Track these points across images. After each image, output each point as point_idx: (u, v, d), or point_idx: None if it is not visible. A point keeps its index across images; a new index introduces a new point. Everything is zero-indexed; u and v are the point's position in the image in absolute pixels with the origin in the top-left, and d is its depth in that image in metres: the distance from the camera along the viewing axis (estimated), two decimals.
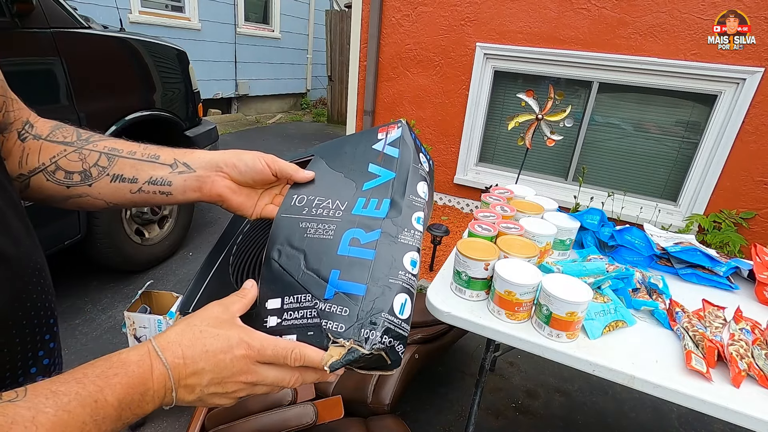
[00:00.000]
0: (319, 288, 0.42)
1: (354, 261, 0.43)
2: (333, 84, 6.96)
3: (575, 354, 0.89)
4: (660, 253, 1.28)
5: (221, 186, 0.50)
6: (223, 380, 0.39)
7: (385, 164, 0.52)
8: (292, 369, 0.41)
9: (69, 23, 1.79)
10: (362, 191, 0.50)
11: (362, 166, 0.53)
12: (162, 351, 0.37)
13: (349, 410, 1.30)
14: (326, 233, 0.46)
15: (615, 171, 3.19)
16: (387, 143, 0.54)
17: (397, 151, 0.53)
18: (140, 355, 0.37)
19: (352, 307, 0.40)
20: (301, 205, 0.50)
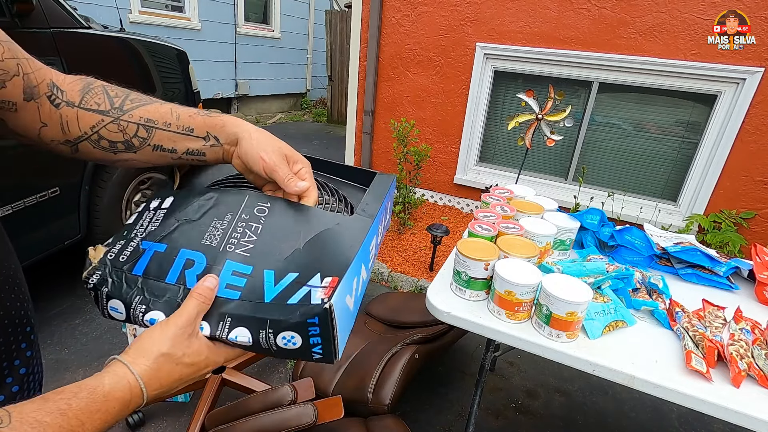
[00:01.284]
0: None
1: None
2: (333, 84, 6.95)
3: (575, 354, 0.89)
4: (660, 253, 1.28)
5: (235, 161, 0.53)
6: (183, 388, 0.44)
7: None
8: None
9: (69, 23, 1.79)
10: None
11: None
12: (146, 386, 0.39)
13: (349, 410, 1.30)
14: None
15: (615, 171, 3.19)
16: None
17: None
18: (122, 391, 0.38)
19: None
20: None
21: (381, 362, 1.43)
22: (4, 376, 0.43)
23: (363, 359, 1.51)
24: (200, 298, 0.42)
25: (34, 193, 1.74)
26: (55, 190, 1.83)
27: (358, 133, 3.82)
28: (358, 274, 0.46)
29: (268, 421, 1.08)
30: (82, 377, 1.53)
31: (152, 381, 0.39)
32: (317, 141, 6.05)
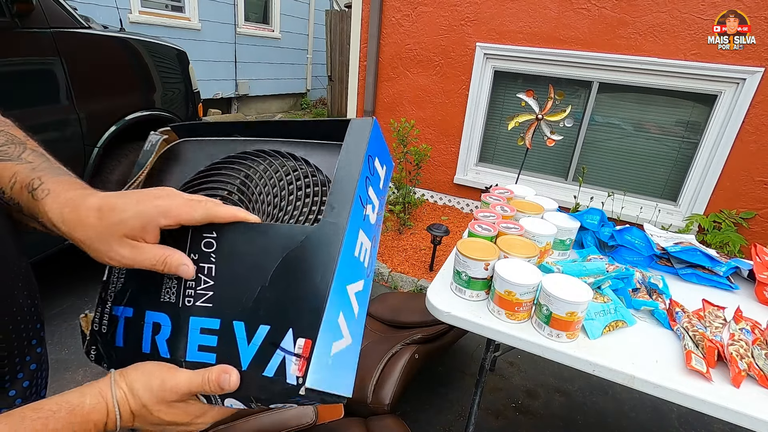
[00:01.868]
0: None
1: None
2: (333, 84, 6.95)
3: (575, 354, 0.89)
4: (660, 253, 1.28)
5: None
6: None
7: None
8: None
9: (69, 23, 1.79)
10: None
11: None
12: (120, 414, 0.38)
13: (349, 410, 1.30)
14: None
15: (615, 171, 3.19)
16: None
17: None
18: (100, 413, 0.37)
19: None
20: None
21: (381, 362, 1.43)
22: (16, 372, 0.43)
23: (363, 359, 1.51)
24: (208, 384, 0.38)
25: None
26: None
27: None
28: (345, 303, 0.38)
29: (268, 421, 1.08)
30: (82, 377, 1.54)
31: (127, 415, 0.38)
32: None
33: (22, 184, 0.42)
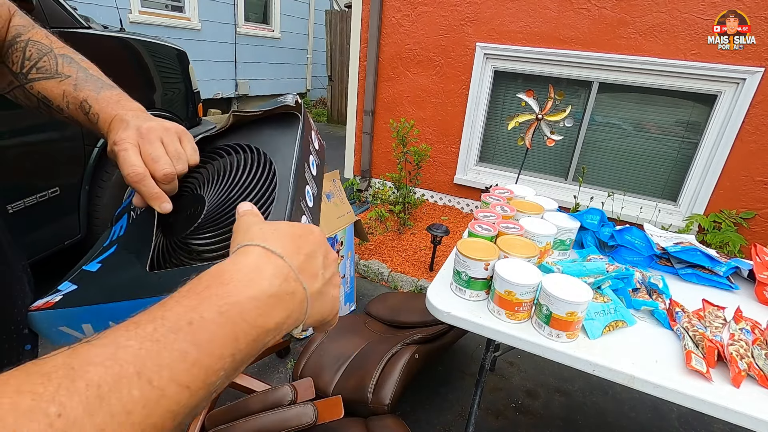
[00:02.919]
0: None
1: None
2: (333, 84, 6.95)
3: (575, 354, 0.89)
4: (660, 253, 1.28)
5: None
6: (327, 258, 0.37)
7: None
8: None
9: (69, 23, 1.79)
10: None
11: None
12: (268, 244, 0.32)
13: (349, 410, 1.30)
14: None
15: (615, 171, 3.19)
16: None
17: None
18: (236, 258, 0.31)
19: None
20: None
21: (381, 362, 1.43)
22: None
23: (363, 359, 1.51)
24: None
25: (35, 193, 1.74)
26: (55, 191, 1.83)
27: (358, 133, 3.82)
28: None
29: (268, 421, 1.08)
30: None
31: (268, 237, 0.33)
32: None
33: (75, 105, 0.48)
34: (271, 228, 0.34)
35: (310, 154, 0.51)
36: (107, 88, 0.49)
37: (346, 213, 2.02)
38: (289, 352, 1.94)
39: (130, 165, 0.44)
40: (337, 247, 2.03)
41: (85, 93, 0.48)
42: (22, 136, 1.65)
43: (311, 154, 0.52)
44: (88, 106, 0.47)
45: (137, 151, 0.45)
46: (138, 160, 0.45)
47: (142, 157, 0.45)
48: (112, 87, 0.50)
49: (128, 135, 0.45)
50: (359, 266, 2.67)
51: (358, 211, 3.54)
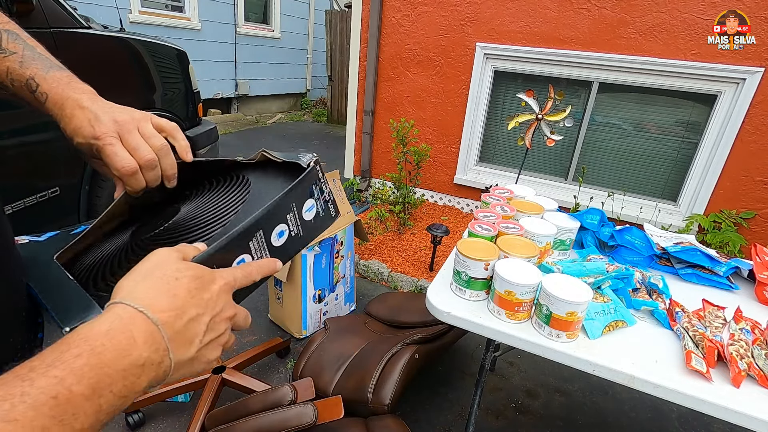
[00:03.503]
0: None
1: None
2: (333, 84, 6.95)
3: (575, 354, 0.89)
4: (660, 253, 1.28)
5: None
6: (215, 319, 0.36)
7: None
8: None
9: (69, 23, 1.79)
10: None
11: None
12: (145, 308, 0.31)
13: (349, 410, 1.30)
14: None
15: (615, 171, 3.19)
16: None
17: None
18: (110, 322, 0.29)
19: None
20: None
21: (381, 362, 1.43)
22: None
23: (363, 359, 1.51)
24: (193, 247, 0.40)
25: (34, 193, 1.74)
26: (55, 190, 1.83)
27: (358, 133, 3.82)
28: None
29: (268, 421, 1.08)
30: None
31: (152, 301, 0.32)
32: (317, 141, 6.05)
33: (21, 83, 0.46)
34: (164, 284, 0.33)
35: (309, 199, 0.52)
36: (56, 69, 0.48)
37: (346, 213, 2.02)
38: (289, 352, 1.94)
39: (121, 159, 0.45)
40: (337, 247, 2.03)
41: (32, 71, 0.46)
42: (22, 136, 1.65)
43: (313, 199, 0.53)
44: (35, 84, 0.46)
45: (122, 145, 0.46)
46: (127, 154, 0.46)
47: (124, 146, 0.46)
48: (61, 68, 0.49)
49: (108, 128, 0.46)
50: (359, 266, 2.67)
51: (358, 211, 3.54)
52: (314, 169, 0.53)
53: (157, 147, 0.48)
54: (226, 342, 0.38)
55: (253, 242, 0.46)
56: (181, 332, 0.32)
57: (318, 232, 0.55)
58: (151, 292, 0.32)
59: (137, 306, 0.31)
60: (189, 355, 0.33)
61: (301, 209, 0.51)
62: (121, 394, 0.28)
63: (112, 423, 1.52)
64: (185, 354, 0.33)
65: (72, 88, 0.47)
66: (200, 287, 0.35)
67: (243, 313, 0.40)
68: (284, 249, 0.50)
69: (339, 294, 2.15)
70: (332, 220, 0.57)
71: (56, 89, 0.47)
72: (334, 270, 2.05)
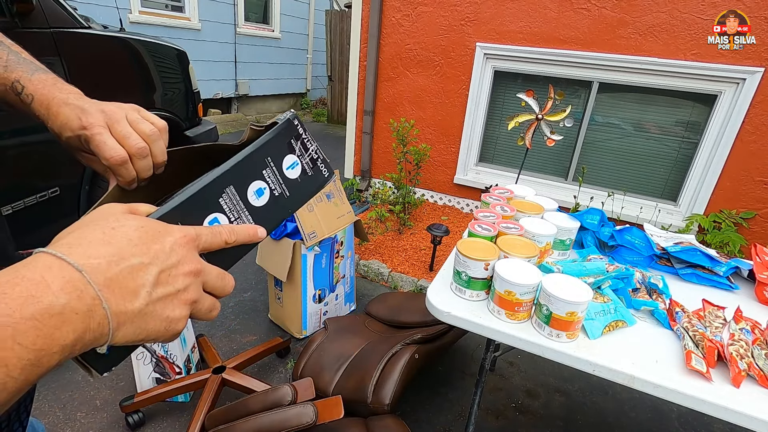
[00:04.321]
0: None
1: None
2: (333, 84, 6.96)
3: (575, 354, 0.89)
4: (660, 253, 1.28)
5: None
6: (170, 272, 0.32)
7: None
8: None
9: (69, 23, 1.79)
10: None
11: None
12: (66, 254, 0.27)
13: (349, 410, 1.30)
14: None
15: (615, 171, 3.19)
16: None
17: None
18: (16, 270, 0.25)
19: None
20: None
21: (381, 362, 1.44)
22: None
23: (363, 359, 1.51)
24: (148, 205, 0.38)
25: (34, 193, 1.74)
26: (55, 191, 1.83)
27: (358, 133, 3.82)
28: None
29: (268, 421, 1.08)
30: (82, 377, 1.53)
31: (76, 248, 0.28)
32: (317, 141, 6.04)
33: (6, 86, 0.47)
34: (97, 233, 0.30)
35: (289, 155, 0.49)
36: (41, 71, 0.48)
37: (346, 213, 2.02)
38: (289, 352, 1.94)
39: (110, 148, 0.44)
40: (337, 247, 2.03)
41: (17, 74, 0.47)
42: (22, 136, 1.65)
43: (294, 155, 0.50)
44: (21, 86, 0.46)
45: (110, 135, 0.45)
46: (116, 143, 0.45)
47: (113, 135, 0.45)
48: (46, 71, 0.49)
49: (96, 118, 0.45)
50: (359, 266, 2.67)
51: (358, 211, 3.54)
52: (291, 122, 0.49)
53: (146, 133, 0.47)
54: (196, 301, 0.34)
55: (224, 199, 0.42)
56: (117, 280, 0.29)
57: (309, 193, 0.51)
58: (79, 240, 0.29)
59: (54, 252, 0.27)
60: (134, 307, 0.29)
61: (280, 165, 0.48)
62: (35, 346, 0.24)
63: (112, 423, 1.52)
64: (128, 305, 0.29)
65: (58, 89, 0.47)
66: (146, 237, 0.31)
67: (215, 271, 0.36)
68: (267, 210, 0.46)
69: (339, 294, 2.15)
70: (325, 180, 0.52)
71: (42, 90, 0.46)
72: (334, 270, 2.05)
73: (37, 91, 0.46)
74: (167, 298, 0.32)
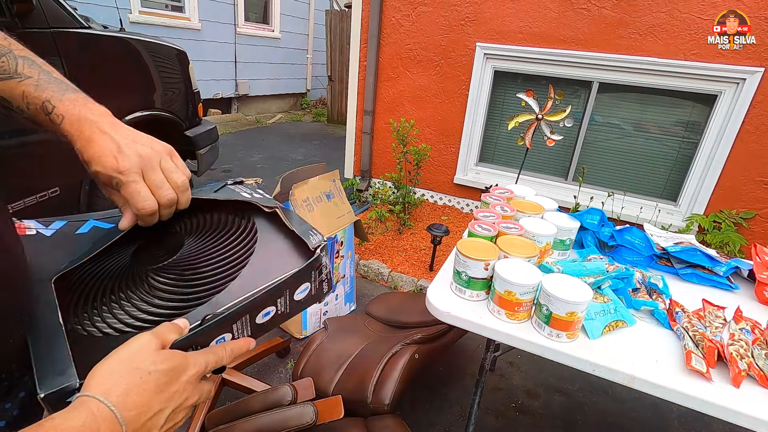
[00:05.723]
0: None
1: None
2: (333, 84, 6.95)
3: (575, 354, 0.89)
4: (660, 253, 1.28)
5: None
6: (179, 408, 0.39)
7: None
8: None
9: (69, 23, 1.79)
10: None
11: None
12: (116, 405, 0.34)
13: (349, 410, 1.30)
14: None
15: (615, 171, 3.19)
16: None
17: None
18: (83, 420, 0.32)
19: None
20: None
21: (381, 362, 1.43)
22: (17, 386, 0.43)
23: (363, 359, 1.51)
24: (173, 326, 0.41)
25: (35, 192, 1.74)
26: (55, 190, 1.83)
27: (358, 133, 3.82)
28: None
29: (268, 421, 1.08)
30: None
31: (124, 399, 0.34)
32: (317, 141, 6.05)
33: (36, 106, 0.46)
34: (136, 379, 0.36)
35: (305, 283, 0.51)
36: (71, 91, 0.48)
37: (346, 213, 2.02)
38: (289, 352, 1.94)
39: (143, 200, 0.46)
40: (337, 247, 2.03)
41: (48, 94, 0.47)
42: (22, 136, 1.65)
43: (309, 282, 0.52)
44: (51, 106, 0.47)
45: (144, 183, 0.46)
46: (150, 194, 0.46)
47: (147, 183, 0.46)
48: (76, 90, 0.49)
49: (132, 163, 0.46)
50: (359, 266, 2.67)
51: (358, 211, 3.54)
52: (319, 256, 0.51)
53: (177, 184, 0.48)
54: (180, 421, 0.41)
55: (238, 324, 0.46)
56: (141, 428, 0.36)
57: (305, 308, 0.54)
58: (122, 387, 0.35)
59: (109, 405, 0.33)
60: None
61: (294, 292, 0.50)
62: None
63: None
64: None
65: (88, 110, 0.47)
66: (169, 381, 0.38)
67: (205, 393, 0.43)
68: (265, 326, 0.49)
69: (339, 294, 2.15)
70: (323, 297, 0.55)
71: (72, 110, 0.46)
72: (334, 270, 2.05)
73: (67, 111, 0.46)
74: (171, 421, 0.39)
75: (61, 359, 0.39)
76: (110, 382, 0.35)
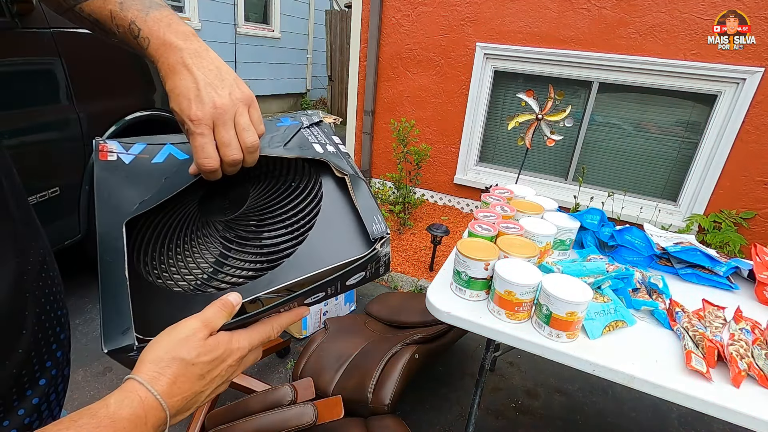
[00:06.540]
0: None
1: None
2: (333, 84, 6.95)
3: (575, 354, 0.89)
4: (660, 253, 1.28)
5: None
6: (214, 390, 0.41)
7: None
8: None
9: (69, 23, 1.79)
10: None
11: None
12: (162, 396, 0.36)
13: (349, 410, 1.30)
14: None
15: (615, 171, 3.19)
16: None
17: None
18: (131, 407, 0.34)
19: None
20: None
21: (381, 362, 1.43)
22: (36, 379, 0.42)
23: (363, 359, 1.51)
24: (223, 308, 0.41)
25: (35, 193, 1.74)
26: (55, 191, 1.83)
27: (358, 133, 3.82)
28: None
29: (268, 421, 1.08)
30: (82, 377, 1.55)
31: (169, 388, 0.36)
32: None
33: (124, 28, 0.45)
34: (182, 369, 0.37)
35: (360, 272, 0.49)
36: (156, 8, 0.45)
37: None
38: (289, 352, 1.94)
39: (206, 156, 0.44)
40: None
41: (133, 13, 0.44)
42: (22, 136, 1.65)
43: (364, 271, 0.50)
44: (137, 29, 0.44)
45: (212, 138, 0.44)
46: (214, 152, 0.45)
47: (215, 138, 0.45)
48: (161, 6, 0.46)
49: (205, 113, 0.43)
50: None
51: None
52: (379, 252, 0.47)
53: (247, 145, 0.46)
54: (223, 390, 0.44)
55: (284, 309, 0.46)
56: (182, 410, 0.38)
57: (353, 288, 0.53)
58: (168, 377, 0.37)
59: (155, 394, 0.35)
60: (185, 415, 0.39)
61: (346, 280, 0.48)
62: None
63: None
64: (181, 417, 0.39)
65: (173, 32, 0.44)
66: (212, 369, 0.40)
67: (249, 364, 0.45)
68: (311, 304, 0.49)
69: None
70: (378, 277, 0.53)
71: (157, 32, 0.44)
72: None
73: (152, 33, 0.44)
74: (213, 395, 0.42)
75: (124, 317, 0.41)
76: (157, 370, 0.36)
